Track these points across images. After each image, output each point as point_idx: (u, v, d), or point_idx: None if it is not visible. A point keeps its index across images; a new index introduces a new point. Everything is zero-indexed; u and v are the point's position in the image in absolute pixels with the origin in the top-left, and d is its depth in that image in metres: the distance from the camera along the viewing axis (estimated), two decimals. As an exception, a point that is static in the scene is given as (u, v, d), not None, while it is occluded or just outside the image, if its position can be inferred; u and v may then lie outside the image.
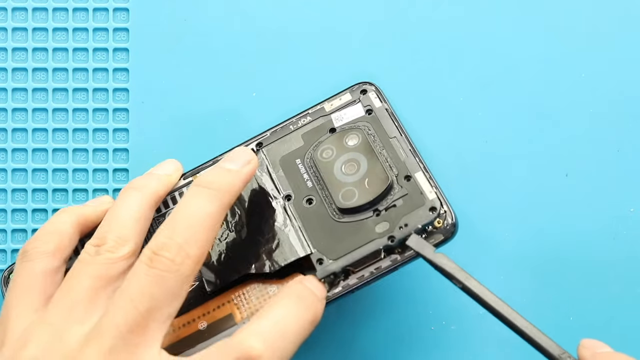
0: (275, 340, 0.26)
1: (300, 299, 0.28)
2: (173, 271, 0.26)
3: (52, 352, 0.26)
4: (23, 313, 0.28)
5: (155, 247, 0.27)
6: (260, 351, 0.26)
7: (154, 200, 0.31)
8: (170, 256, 0.26)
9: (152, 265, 0.26)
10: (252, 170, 0.30)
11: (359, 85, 0.33)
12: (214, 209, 0.28)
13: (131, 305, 0.26)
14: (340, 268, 0.29)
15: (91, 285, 0.27)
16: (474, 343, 0.35)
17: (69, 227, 0.30)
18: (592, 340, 0.28)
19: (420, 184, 0.30)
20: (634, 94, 0.36)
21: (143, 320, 0.26)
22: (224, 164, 0.30)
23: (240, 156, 0.30)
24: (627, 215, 0.35)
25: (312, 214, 0.30)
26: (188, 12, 0.37)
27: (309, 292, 0.28)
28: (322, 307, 0.28)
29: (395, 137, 0.31)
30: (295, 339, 0.27)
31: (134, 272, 0.27)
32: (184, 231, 0.27)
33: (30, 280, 0.28)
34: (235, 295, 0.30)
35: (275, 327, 0.26)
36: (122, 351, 0.25)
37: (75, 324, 0.26)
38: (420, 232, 0.29)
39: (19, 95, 0.36)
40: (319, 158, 0.32)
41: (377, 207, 0.30)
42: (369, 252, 0.29)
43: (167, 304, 0.26)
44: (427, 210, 0.29)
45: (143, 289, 0.26)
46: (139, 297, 0.26)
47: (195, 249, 0.27)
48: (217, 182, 0.29)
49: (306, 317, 0.27)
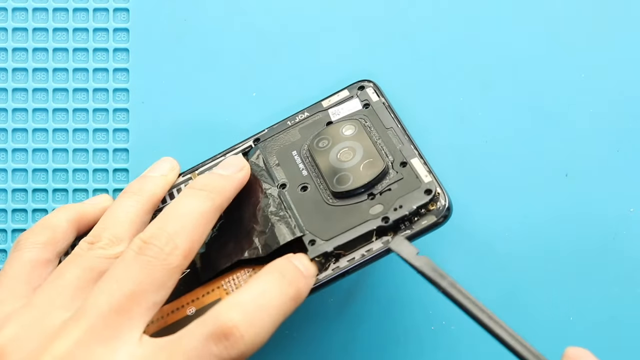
0: (253, 312, 0.26)
1: (282, 274, 0.27)
2: (161, 259, 0.26)
3: (31, 331, 0.26)
4: (7, 299, 0.28)
5: (144, 237, 0.27)
6: (236, 322, 0.25)
7: (151, 203, 0.31)
8: (160, 244, 0.27)
9: (140, 252, 0.27)
10: (244, 176, 0.31)
11: (358, 83, 0.33)
12: (205, 208, 0.28)
13: (116, 286, 0.26)
14: (333, 248, 0.29)
15: (81, 275, 0.27)
16: (474, 343, 0.35)
17: (64, 222, 0.31)
18: (578, 349, 0.27)
19: (415, 169, 0.30)
20: (634, 94, 0.36)
21: (127, 302, 0.26)
22: (217, 170, 0.31)
23: (233, 163, 0.31)
24: (627, 215, 0.35)
25: (307, 200, 0.30)
26: (188, 12, 0.37)
27: (292, 267, 0.28)
28: (307, 284, 0.28)
29: (392, 127, 0.31)
30: (275, 313, 0.26)
31: (122, 258, 0.27)
32: (175, 224, 0.27)
33: (17, 269, 0.29)
34: (225, 281, 0.30)
35: (253, 300, 0.26)
36: (103, 330, 0.25)
37: (60, 309, 0.27)
38: (414, 214, 0.29)
39: (19, 95, 0.36)
40: (315, 147, 0.32)
41: (372, 191, 0.30)
42: (363, 232, 0.29)
43: (153, 292, 0.26)
44: (423, 193, 0.29)
45: (129, 273, 0.26)
46: (124, 280, 0.26)
47: (185, 242, 0.27)
48: (210, 185, 0.29)
49: (287, 291, 0.27)
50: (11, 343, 0.26)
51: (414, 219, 0.29)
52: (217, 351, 0.25)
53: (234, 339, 0.25)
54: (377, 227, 0.29)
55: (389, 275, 0.35)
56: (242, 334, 0.25)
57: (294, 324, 0.35)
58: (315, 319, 0.35)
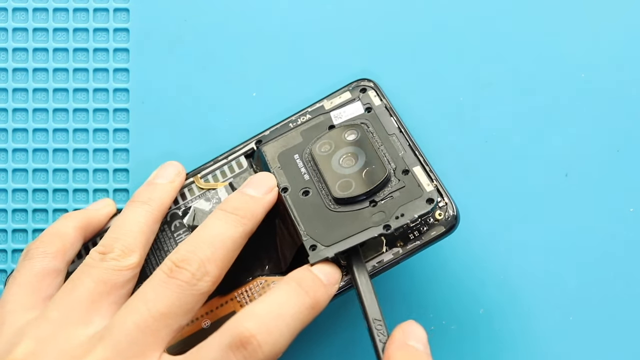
0: (270, 322, 0.26)
1: (299, 283, 0.27)
2: (191, 285, 0.27)
3: (49, 347, 0.26)
4: (18, 309, 0.28)
5: (176, 259, 0.27)
6: (253, 331, 0.25)
7: (160, 212, 0.31)
8: (192, 270, 0.27)
9: (171, 275, 0.27)
10: (274, 198, 0.31)
11: (358, 83, 0.33)
12: (237, 234, 0.28)
13: (145, 308, 0.26)
14: (334, 254, 0.29)
15: (95, 289, 0.27)
16: (474, 343, 0.35)
17: (72, 230, 0.31)
18: (413, 325, 0.27)
19: (417, 177, 0.30)
20: (634, 94, 0.36)
21: (154, 323, 0.26)
22: (248, 189, 0.30)
23: (264, 183, 0.31)
24: (627, 215, 0.35)
25: (308, 205, 0.30)
26: (188, 12, 0.37)
27: (310, 277, 0.28)
28: (327, 292, 0.28)
29: (394, 133, 0.31)
30: (292, 322, 0.26)
31: (151, 279, 0.27)
32: (207, 249, 0.27)
33: (28, 278, 0.29)
34: (238, 293, 0.30)
35: (270, 310, 0.26)
36: (127, 350, 0.25)
37: (75, 323, 0.26)
38: (422, 224, 0.29)
39: (19, 95, 0.36)
40: (317, 152, 0.32)
41: (374, 198, 0.30)
42: (364, 239, 0.29)
43: (180, 315, 0.26)
44: (424, 202, 0.29)
45: (159, 295, 0.26)
46: (154, 302, 0.26)
47: (215, 268, 0.27)
48: (242, 210, 0.29)
49: (304, 300, 0.27)
50: (29, 359, 0.25)
51: (423, 229, 0.29)
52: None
53: (252, 347, 0.25)
54: (378, 235, 0.29)
55: (389, 276, 0.35)
56: (260, 343, 0.25)
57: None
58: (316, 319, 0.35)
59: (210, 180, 0.33)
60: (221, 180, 0.33)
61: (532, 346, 0.34)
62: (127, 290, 0.28)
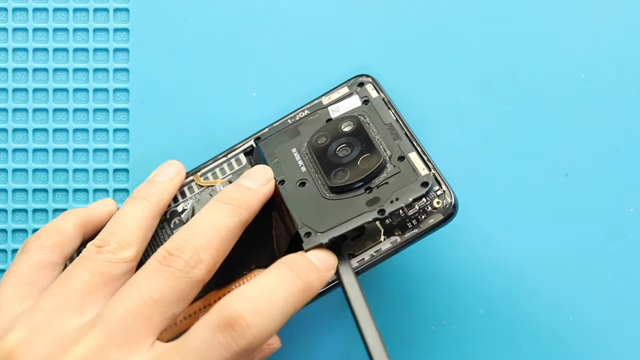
0: (258, 303, 0.25)
1: (291, 267, 0.27)
2: (185, 272, 0.27)
3: (41, 335, 0.26)
4: (12, 299, 0.28)
5: (170, 248, 0.27)
6: (241, 312, 0.25)
7: (159, 209, 0.31)
8: (185, 257, 0.27)
9: (165, 263, 0.27)
10: (271, 189, 0.31)
11: (356, 79, 0.33)
12: (232, 224, 0.28)
13: (138, 294, 0.26)
14: (328, 240, 0.28)
15: (90, 280, 0.27)
16: (474, 343, 0.35)
17: (70, 226, 0.31)
18: None
19: (413, 163, 0.30)
20: (634, 94, 0.36)
21: (147, 310, 0.26)
22: (244, 181, 0.30)
23: (260, 174, 0.31)
24: (627, 215, 0.35)
25: (305, 196, 0.30)
26: (188, 12, 0.37)
27: (303, 261, 0.28)
28: (321, 277, 0.28)
29: (391, 123, 0.31)
30: (283, 305, 0.26)
31: (145, 267, 0.27)
32: (201, 238, 0.27)
33: (24, 270, 0.29)
34: (235, 286, 0.30)
35: (258, 291, 0.26)
36: (119, 336, 0.25)
37: (69, 313, 0.26)
38: (420, 212, 0.29)
39: (19, 95, 0.36)
40: (314, 144, 0.32)
41: (369, 185, 0.30)
42: (358, 224, 0.29)
43: (173, 303, 0.26)
44: (419, 185, 0.29)
45: (152, 282, 0.26)
46: (146, 288, 0.26)
47: (209, 257, 0.27)
48: (238, 200, 0.29)
49: (295, 283, 0.27)
50: (20, 347, 0.25)
51: (420, 217, 0.29)
52: (225, 341, 0.25)
53: (240, 328, 0.25)
54: (372, 219, 0.29)
55: (389, 275, 0.35)
56: (248, 323, 0.25)
57: (295, 324, 0.35)
58: (316, 319, 0.35)
59: (210, 178, 0.33)
60: (220, 177, 0.33)
61: (532, 346, 0.34)
62: (123, 283, 0.28)
